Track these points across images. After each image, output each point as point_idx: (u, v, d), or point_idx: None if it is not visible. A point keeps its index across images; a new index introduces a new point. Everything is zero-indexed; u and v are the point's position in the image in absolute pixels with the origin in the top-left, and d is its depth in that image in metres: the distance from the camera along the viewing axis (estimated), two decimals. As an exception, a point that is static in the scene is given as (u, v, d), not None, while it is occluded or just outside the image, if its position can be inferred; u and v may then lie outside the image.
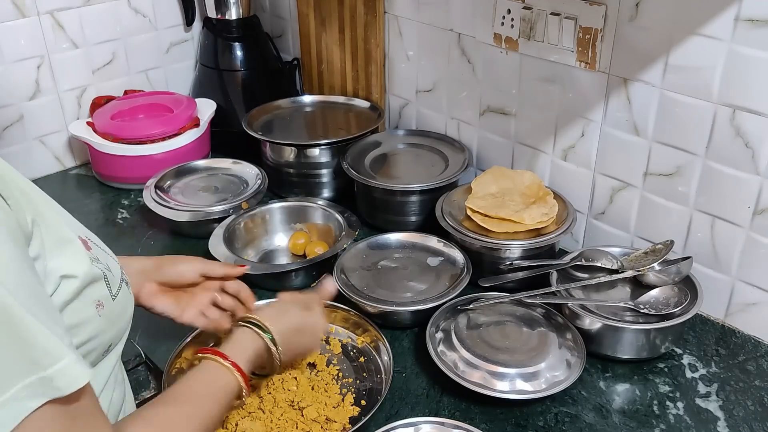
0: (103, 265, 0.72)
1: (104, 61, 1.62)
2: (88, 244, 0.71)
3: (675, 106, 1.06)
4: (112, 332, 0.73)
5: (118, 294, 0.73)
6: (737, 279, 1.09)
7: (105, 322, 0.70)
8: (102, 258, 0.73)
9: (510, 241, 1.15)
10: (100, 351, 0.72)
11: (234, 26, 1.66)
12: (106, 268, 0.72)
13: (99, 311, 0.69)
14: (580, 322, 1.04)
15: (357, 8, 1.51)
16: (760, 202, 1.02)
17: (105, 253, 0.76)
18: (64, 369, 0.57)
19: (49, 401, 0.56)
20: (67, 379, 0.57)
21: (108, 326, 0.71)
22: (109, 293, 0.71)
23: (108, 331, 0.72)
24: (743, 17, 0.95)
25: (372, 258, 1.21)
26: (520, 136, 1.32)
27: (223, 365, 0.80)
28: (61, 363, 0.57)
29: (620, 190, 1.19)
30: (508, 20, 1.23)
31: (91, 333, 0.69)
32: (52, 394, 0.56)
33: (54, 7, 1.51)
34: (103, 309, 0.70)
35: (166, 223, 1.37)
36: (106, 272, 0.71)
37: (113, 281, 0.73)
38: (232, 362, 0.80)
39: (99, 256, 0.72)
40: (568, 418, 0.96)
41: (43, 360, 0.56)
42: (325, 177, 1.45)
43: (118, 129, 1.51)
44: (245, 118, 1.52)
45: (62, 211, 0.73)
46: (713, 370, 1.03)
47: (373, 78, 1.55)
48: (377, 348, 1.05)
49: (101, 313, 0.69)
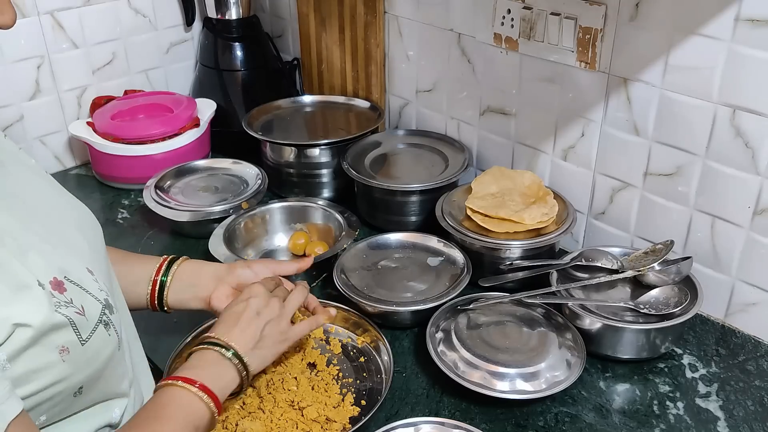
0: (73, 309, 0.67)
1: (104, 61, 1.62)
2: (62, 286, 0.67)
3: (675, 106, 1.06)
4: (80, 375, 0.69)
5: (90, 338, 0.69)
6: (737, 279, 1.09)
7: (70, 366, 0.67)
8: (78, 299, 0.69)
9: (510, 241, 1.15)
10: (69, 393, 0.69)
11: (234, 26, 1.66)
12: (78, 311, 0.68)
13: (63, 356, 0.66)
14: (580, 322, 1.04)
15: (357, 8, 1.51)
16: (760, 202, 1.02)
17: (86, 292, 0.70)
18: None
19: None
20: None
21: (75, 370, 0.68)
22: (78, 338, 0.67)
23: (75, 375, 0.68)
24: (743, 17, 0.95)
25: (372, 258, 1.21)
26: (520, 136, 1.32)
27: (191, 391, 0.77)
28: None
29: (620, 190, 1.19)
30: (508, 20, 1.23)
31: (54, 378, 0.66)
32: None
33: (54, 7, 1.51)
34: (68, 354, 0.66)
35: (167, 223, 1.37)
36: (74, 317, 0.67)
37: (84, 326, 0.68)
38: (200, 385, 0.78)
39: (74, 298, 0.68)
40: (568, 418, 0.96)
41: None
42: (325, 177, 1.45)
43: (118, 129, 1.52)
44: (245, 118, 1.52)
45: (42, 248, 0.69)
46: (713, 370, 1.04)
47: (373, 78, 1.55)
48: (377, 348, 1.05)
49: (65, 358, 0.66)
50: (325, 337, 1.08)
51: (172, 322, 1.14)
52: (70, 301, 0.68)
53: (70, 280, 0.69)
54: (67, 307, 0.67)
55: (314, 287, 1.21)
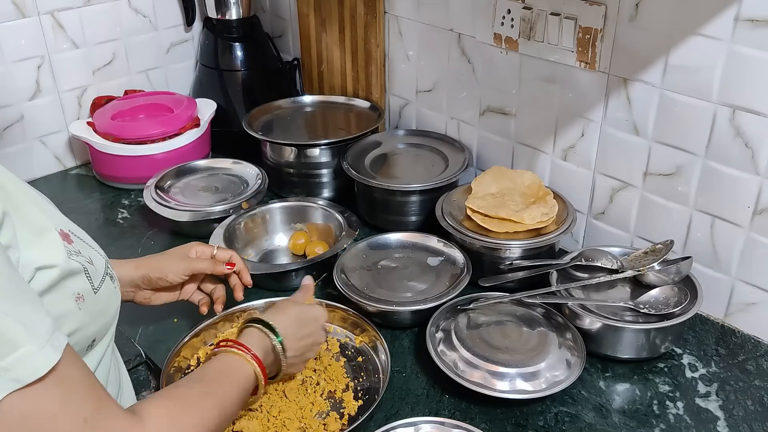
0: (84, 258, 0.70)
1: (104, 61, 1.63)
2: (69, 237, 0.70)
3: (675, 106, 1.06)
4: (95, 326, 0.72)
5: (100, 287, 0.72)
6: (737, 279, 1.09)
7: (86, 315, 0.69)
8: (84, 251, 0.72)
9: (510, 241, 1.15)
10: (83, 345, 0.71)
11: (234, 26, 1.66)
12: (88, 261, 0.71)
13: (79, 304, 0.68)
14: (580, 321, 1.04)
15: (357, 8, 1.51)
16: (760, 202, 1.02)
17: (89, 246, 0.74)
18: (23, 358, 0.55)
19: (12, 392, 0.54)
20: (26, 369, 0.55)
21: (90, 320, 0.70)
22: (91, 287, 0.70)
23: (90, 325, 0.71)
24: (743, 17, 0.95)
25: (372, 258, 1.21)
26: (520, 136, 1.32)
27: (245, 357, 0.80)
28: (18, 352, 0.55)
29: (620, 190, 1.19)
30: (508, 20, 1.23)
31: (72, 326, 0.68)
32: (10, 386, 0.54)
33: (54, 7, 1.51)
34: (83, 302, 0.68)
35: (167, 223, 1.37)
36: (86, 265, 0.70)
37: (95, 274, 0.71)
38: (253, 354, 0.81)
39: (81, 249, 0.71)
40: (568, 417, 0.96)
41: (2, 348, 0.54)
42: (325, 177, 1.45)
43: (119, 129, 1.52)
44: (245, 118, 1.52)
45: (44, 204, 0.72)
46: (713, 370, 1.04)
47: (373, 78, 1.55)
48: (375, 347, 1.05)
49: (81, 306, 0.68)
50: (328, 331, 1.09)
51: (172, 322, 1.14)
52: (78, 252, 0.70)
53: (73, 233, 0.72)
54: (78, 256, 0.69)
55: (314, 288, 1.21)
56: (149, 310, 1.06)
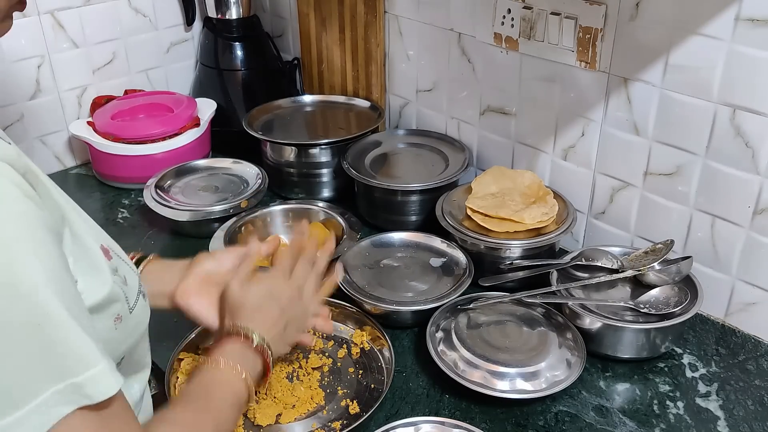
0: (120, 279, 0.70)
1: (104, 60, 1.62)
2: (108, 253, 0.70)
3: (675, 105, 1.06)
4: (126, 344, 0.72)
5: (135, 307, 0.72)
6: (737, 278, 1.09)
7: (120, 334, 0.69)
8: (121, 268, 0.71)
9: (510, 241, 1.15)
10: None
11: (234, 26, 1.66)
12: (123, 281, 0.71)
13: (116, 324, 0.68)
14: (581, 321, 1.04)
15: (357, 8, 1.51)
16: (760, 202, 1.02)
17: (123, 261, 0.74)
18: (96, 377, 0.56)
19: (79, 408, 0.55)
20: (97, 387, 0.56)
21: (123, 339, 0.71)
22: (127, 307, 0.70)
23: (122, 344, 0.71)
24: (743, 17, 0.95)
25: (374, 256, 1.21)
26: (520, 136, 1.32)
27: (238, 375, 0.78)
28: (93, 370, 0.56)
29: (620, 190, 1.19)
30: (509, 20, 1.23)
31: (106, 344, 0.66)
32: (82, 401, 0.55)
33: (54, 7, 1.51)
34: (120, 323, 0.69)
35: (167, 223, 1.37)
36: (123, 288, 0.70)
37: (131, 295, 0.71)
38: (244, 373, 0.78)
39: (118, 266, 0.71)
40: (568, 417, 0.96)
41: (76, 366, 0.55)
42: (326, 177, 1.45)
43: (119, 129, 1.52)
44: (245, 118, 1.52)
45: (85, 216, 0.72)
46: (713, 370, 1.04)
47: (374, 78, 1.55)
48: (379, 346, 1.05)
49: (118, 326, 0.69)
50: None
51: (173, 322, 1.14)
52: (116, 270, 0.69)
53: (111, 248, 0.71)
54: (115, 275, 0.69)
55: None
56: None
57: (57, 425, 0.54)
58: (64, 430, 0.54)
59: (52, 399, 0.54)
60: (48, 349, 0.54)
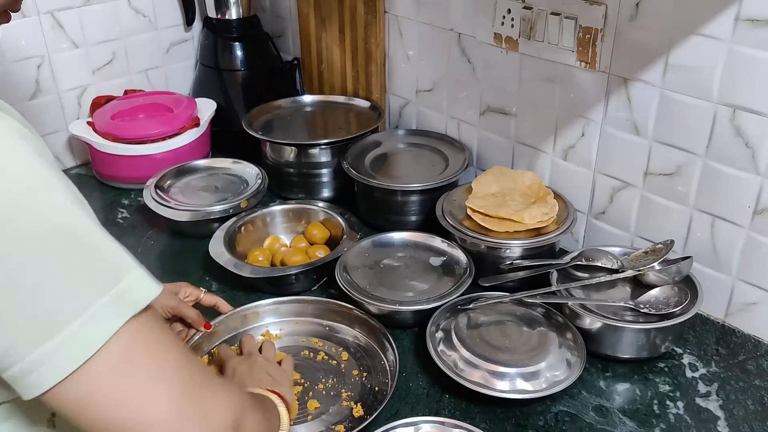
0: None
1: (104, 60, 1.62)
2: None
3: (675, 105, 1.06)
4: None
5: None
6: (737, 278, 1.09)
7: None
8: None
9: (510, 241, 1.15)
10: None
11: (234, 26, 1.66)
12: None
13: None
14: (581, 321, 1.04)
15: (357, 8, 1.51)
16: (760, 202, 1.02)
17: None
18: (138, 279, 0.57)
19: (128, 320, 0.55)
20: (141, 291, 0.57)
21: None
22: None
23: None
24: (743, 17, 0.95)
25: (375, 256, 1.21)
26: (520, 136, 1.32)
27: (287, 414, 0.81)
28: (134, 273, 0.57)
29: (620, 190, 1.19)
30: (508, 20, 1.23)
31: None
32: (128, 311, 0.55)
33: (54, 7, 1.51)
34: None
35: (167, 223, 1.37)
36: None
37: None
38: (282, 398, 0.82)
39: None
40: (568, 417, 0.96)
41: (117, 272, 0.56)
42: (325, 177, 1.45)
43: (118, 129, 1.51)
44: (245, 118, 1.52)
45: None
46: (713, 370, 1.04)
47: (373, 78, 1.55)
48: (382, 347, 1.05)
49: None
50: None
51: (173, 322, 1.14)
52: None
53: None
54: None
55: (314, 291, 1.21)
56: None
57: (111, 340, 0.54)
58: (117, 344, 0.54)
59: (101, 311, 0.54)
60: (88, 256, 0.54)
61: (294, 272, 1.18)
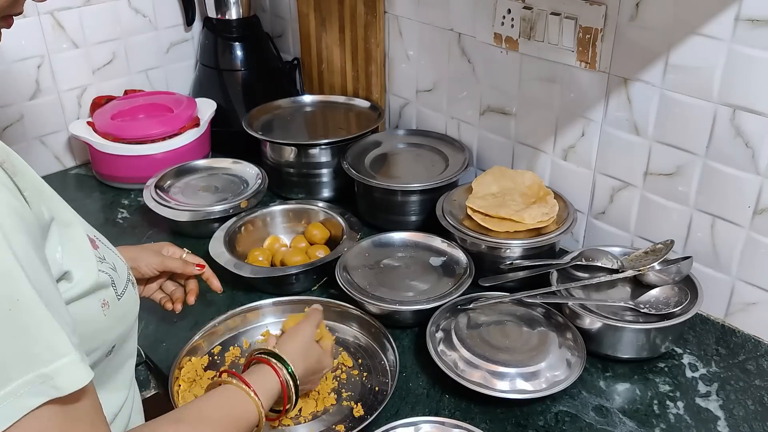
0: (108, 266, 0.71)
1: (104, 60, 1.62)
2: (95, 243, 0.70)
3: (675, 105, 1.06)
4: (115, 332, 0.72)
5: (123, 294, 0.72)
6: (737, 278, 1.09)
7: (109, 321, 0.70)
8: (108, 257, 0.72)
9: (510, 241, 1.15)
10: (104, 351, 0.71)
11: (234, 26, 1.66)
12: (112, 268, 0.72)
13: (104, 311, 0.69)
14: (581, 321, 1.04)
15: (357, 8, 1.51)
16: (760, 202, 1.02)
17: (111, 251, 0.75)
18: (66, 367, 0.55)
19: (48, 401, 0.54)
20: (67, 379, 0.55)
21: (112, 326, 0.71)
22: (115, 294, 0.71)
23: (112, 331, 0.71)
24: (743, 17, 0.95)
25: (375, 256, 1.21)
26: (520, 136, 1.32)
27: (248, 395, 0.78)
28: (63, 360, 0.55)
29: (620, 190, 1.19)
30: (509, 20, 1.23)
31: (95, 330, 0.68)
32: (52, 393, 0.54)
33: (54, 7, 1.51)
34: (108, 308, 0.69)
35: (166, 223, 1.37)
36: (111, 273, 0.71)
37: (119, 282, 0.72)
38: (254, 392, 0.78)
39: (105, 255, 0.72)
40: (568, 417, 0.96)
41: (46, 355, 0.54)
42: (325, 177, 1.45)
43: (118, 129, 1.52)
44: (245, 118, 1.52)
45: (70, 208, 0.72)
46: (713, 370, 1.04)
47: (374, 78, 1.55)
48: (382, 347, 1.05)
49: (106, 312, 0.69)
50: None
51: (173, 322, 1.14)
52: (103, 258, 0.70)
53: (97, 238, 0.73)
54: (103, 263, 0.70)
55: (314, 291, 1.21)
56: (149, 310, 1.06)
57: (25, 418, 0.53)
58: (31, 424, 0.53)
59: (20, 389, 0.53)
60: (19, 334, 0.53)
61: (294, 272, 1.18)
